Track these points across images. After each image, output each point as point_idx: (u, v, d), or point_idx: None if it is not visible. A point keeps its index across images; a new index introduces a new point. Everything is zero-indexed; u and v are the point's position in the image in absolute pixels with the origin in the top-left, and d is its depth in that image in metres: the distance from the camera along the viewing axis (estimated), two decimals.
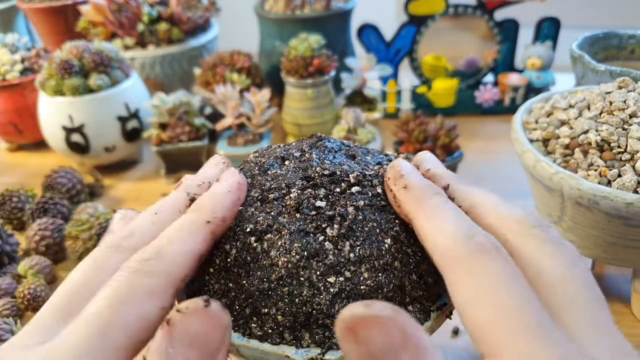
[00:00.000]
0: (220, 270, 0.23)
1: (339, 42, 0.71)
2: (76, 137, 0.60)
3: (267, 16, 0.69)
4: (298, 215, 0.23)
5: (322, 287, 0.21)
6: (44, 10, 0.76)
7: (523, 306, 0.14)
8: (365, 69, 0.63)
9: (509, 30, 0.71)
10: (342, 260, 0.21)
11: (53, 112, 0.59)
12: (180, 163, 0.61)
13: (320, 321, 0.21)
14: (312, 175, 0.25)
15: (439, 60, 0.74)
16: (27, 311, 0.45)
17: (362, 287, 0.21)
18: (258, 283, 0.22)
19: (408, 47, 0.71)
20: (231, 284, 0.22)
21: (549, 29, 0.70)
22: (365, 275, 0.21)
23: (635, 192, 0.32)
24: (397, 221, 0.23)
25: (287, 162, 0.27)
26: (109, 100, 0.59)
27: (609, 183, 0.33)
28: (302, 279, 0.21)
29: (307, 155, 0.27)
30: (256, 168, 0.27)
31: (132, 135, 0.62)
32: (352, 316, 0.13)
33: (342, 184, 0.24)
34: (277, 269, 0.22)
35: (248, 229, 0.23)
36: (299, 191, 0.24)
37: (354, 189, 0.24)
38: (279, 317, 0.21)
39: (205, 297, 0.16)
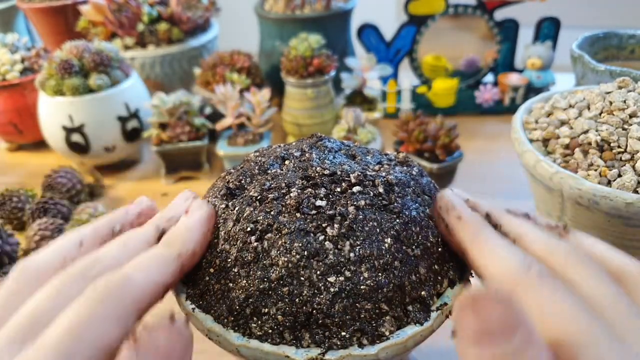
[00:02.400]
0: (220, 270, 0.23)
1: (339, 42, 0.71)
2: (76, 137, 0.60)
3: (267, 16, 0.69)
4: (298, 214, 0.23)
5: (322, 287, 0.21)
6: (44, 10, 0.75)
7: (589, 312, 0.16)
8: (365, 69, 0.63)
9: (509, 30, 0.71)
10: (342, 259, 0.21)
11: (53, 112, 0.59)
12: (180, 163, 0.61)
13: (320, 321, 0.21)
14: (312, 175, 0.25)
15: (439, 60, 0.74)
16: None
17: (362, 287, 0.21)
18: (258, 283, 0.22)
19: (408, 47, 0.71)
20: (231, 284, 0.22)
21: (549, 29, 0.70)
22: (365, 275, 0.21)
23: (635, 192, 0.32)
24: (397, 220, 0.23)
25: (287, 162, 0.27)
26: (109, 100, 0.59)
27: (609, 183, 0.33)
28: (302, 278, 0.21)
29: (307, 155, 0.27)
30: (256, 167, 0.27)
31: (132, 135, 0.62)
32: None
33: (343, 184, 0.24)
34: (278, 268, 0.21)
35: (248, 229, 0.23)
36: (299, 191, 0.24)
37: (355, 188, 0.24)
38: (279, 316, 0.21)
39: (171, 313, 0.17)
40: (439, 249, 0.23)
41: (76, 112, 0.58)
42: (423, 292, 0.22)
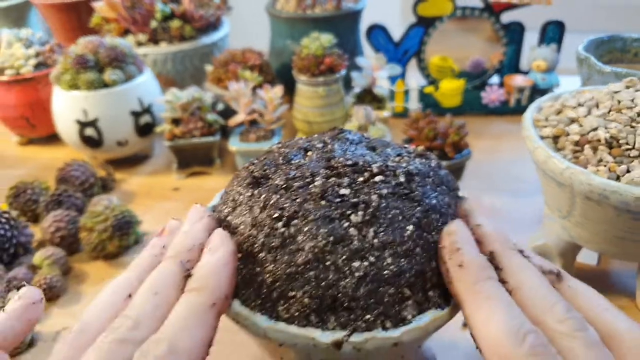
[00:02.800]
0: (247, 255, 0.23)
1: (349, 42, 0.72)
2: (90, 131, 0.60)
3: (278, 15, 0.70)
4: (323, 202, 0.23)
5: (347, 271, 0.22)
6: (57, 6, 0.76)
7: None
8: (375, 68, 0.64)
9: (514, 33, 0.72)
10: (367, 245, 0.22)
11: (68, 106, 0.60)
12: (192, 158, 0.62)
13: (345, 304, 0.22)
14: (336, 165, 0.25)
15: (445, 61, 0.76)
16: None
17: (385, 272, 0.22)
18: (285, 267, 0.22)
19: (416, 48, 0.73)
20: (258, 269, 0.23)
21: (554, 32, 0.71)
22: (389, 260, 0.22)
23: None
24: (418, 208, 0.24)
25: (309, 153, 0.28)
26: (123, 95, 0.60)
27: (617, 178, 0.34)
28: (328, 263, 0.22)
29: (329, 146, 0.28)
30: (280, 158, 0.27)
31: (145, 130, 0.63)
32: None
33: (365, 174, 0.25)
34: (304, 253, 0.22)
35: (275, 215, 0.23)
36: (324, 179, 0.24)
37: (377, 178, 0.25)
38: (306, 300, 0.22)
39: None
40: None
41: (91, 106, 0.59)
42: (442, 280, 0.23)
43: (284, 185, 0.25)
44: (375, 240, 0.22)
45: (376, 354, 0.22)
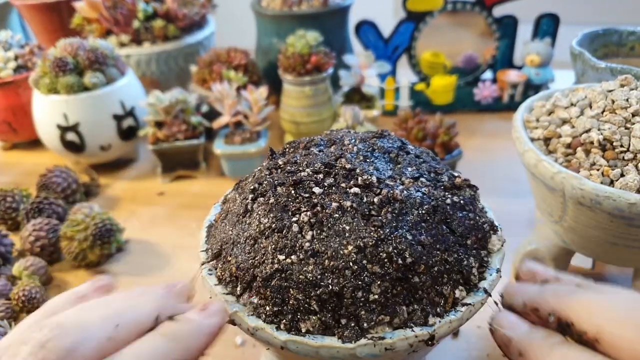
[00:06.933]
0: (229, 211, 0.27)
1: (336, 39, 0.70)
2: (71, 136, 0.59)
3: (264, 13, 0.68)
4: (292, 191, 0.24)
5: (270, 260, 0.23)
6: (38, 6, 0.74)
7: None
8: (363, 66, 0.62)
9: (507, 27, 0.70)
10: (297, 245, 0.22)
11: (47, 111, 0.58)
12: (176, 162, 0.61)
13: (257, 288, 0.23)
14: (335, 165, 0.26)
15: (437, 57, 0.74)
16: (22, 313, 0.44)
17: (300, 277, 0.22)
18: (235, 235, 0.25)
19: (406, 44, 0.71)
20: (228, 227, 0.26)
21: (548, 26, 0.69)
22: (310, 268, 0.22)
23: (639, 192, 0.31)
24: (372, 234, 0.22)
25: (331, 147, 0.28)
26: (104, 99, 0.58)
27: (611, 183, 0.32)
28: (261, 245, 0.23)
29: (350, 146, 0.28)
30: (305, 143, 0.29)
31: (128, 134, 0.61)
32: None
33: (351, 182, 0.25)
34: (250, 229, 0.24)
35: (252, 187, 0.26)
36: (310, 173, 0.25)
37: (354, 189, 0.24)
38: (234, 268, 0.24)
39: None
40: (411, 280, 0.22)
41: (71, 110, 0.58)
42: (362, 312, 0.21)
43: (280, 166, 0.27)
44: (307, 244, 0.22)
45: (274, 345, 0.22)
